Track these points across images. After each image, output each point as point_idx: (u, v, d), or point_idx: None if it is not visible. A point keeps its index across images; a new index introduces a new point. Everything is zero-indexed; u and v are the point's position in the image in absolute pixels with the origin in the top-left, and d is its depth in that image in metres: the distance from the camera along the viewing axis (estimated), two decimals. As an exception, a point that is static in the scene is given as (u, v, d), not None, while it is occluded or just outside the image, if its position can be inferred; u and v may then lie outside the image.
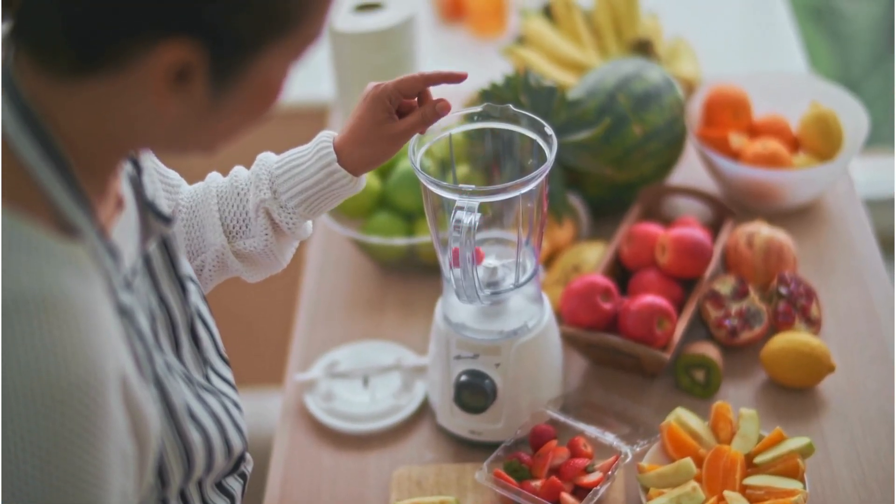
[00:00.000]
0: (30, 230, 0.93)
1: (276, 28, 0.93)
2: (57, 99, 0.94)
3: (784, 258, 1.76)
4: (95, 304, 0.94)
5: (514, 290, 1.50)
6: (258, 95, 0.97)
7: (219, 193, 1.38)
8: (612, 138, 1.84)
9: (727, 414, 1.53)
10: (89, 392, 0.92)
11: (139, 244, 1.10)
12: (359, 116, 1.35)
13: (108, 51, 0.90)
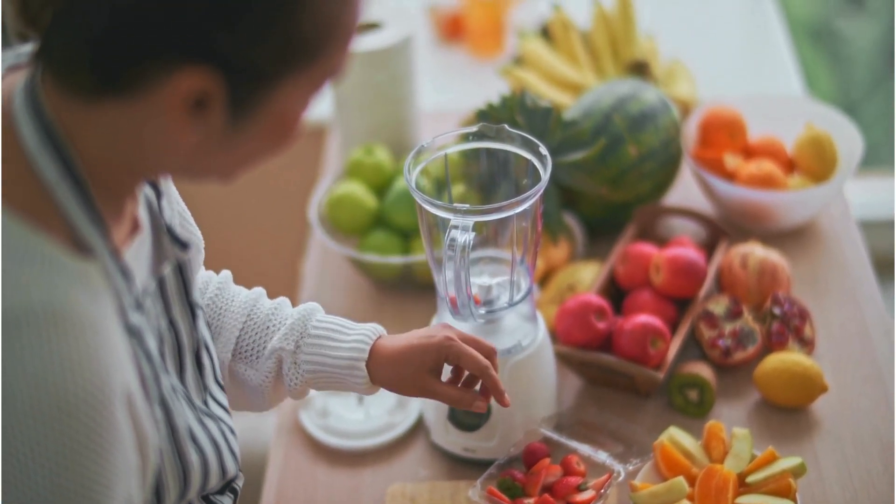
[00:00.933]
0: (44, 245, 0.94)
1: (295, 60, 0.94)
2: (78, 119, 0.96)
3: (778, 279, 1.77)
4: (104, 320, 0.96)
5: (509, 308, 1.51)
6: (276, 127, 0.98)
7: (251, 315, 1.38)
8: (607, 158, 1.85)
9: (720, 433, 1.53)
10: (96, 405, 0.93)
11: (152, 267, 1.11)
12: (412, 345, 1.34)
13: (128, 75, 0.92)
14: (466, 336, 1.36)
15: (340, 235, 1.93)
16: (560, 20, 2.25)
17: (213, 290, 1.39)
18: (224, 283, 1.40)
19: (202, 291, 1.38)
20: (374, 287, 1.92)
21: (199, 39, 0.90)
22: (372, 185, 1.94)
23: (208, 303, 1.38)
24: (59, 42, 0.92)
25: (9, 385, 0.90)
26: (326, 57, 0.96)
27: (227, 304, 1.38)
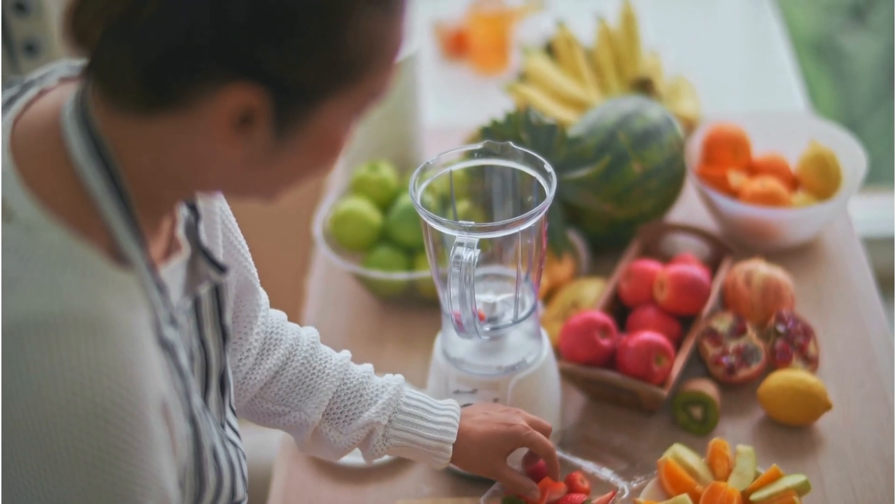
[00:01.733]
0: (86, 253, 0.96)
1: (339, 79, 0.95)
2: (124, 134, 0.98)
3: (782, 296, 1.77)
4: (140, 331, 0.98)
5: (513, 325, 1.51)
6: (319, 146, 1.00)
7: (344, 380, 1.42)
8: (611, 175, 1.86)
9: (724, 451, 1.53)
10: (132, 410, 0.95)
11: (187, 286, 1.12)
12: (493, 432, 1.43)
13: (176, 91, 0.93)
14: (531, 419, 1.46)
15: (345, 251, 1.94)
16: (564, 37, 2.25)
17: (307, 349, 1.42)
18: (316, 342, 1.44)
19: (293, 346, 1.42)
20: (378, 303, 1.92)
21: (246, 57, 0.92)
22: (376, 202, 1.95)
23: (303, 360, 1.41)
24: (108, 58, 0.94)
25: (46, 389, 0.92)
26: (370, 78, 0.97)
27: (321, 365, 1.42)
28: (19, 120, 1.02)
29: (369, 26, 0.94)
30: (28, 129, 1.01)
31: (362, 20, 0.93)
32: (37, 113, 1.02)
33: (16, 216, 0.96)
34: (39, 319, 0.92)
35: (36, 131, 1.00)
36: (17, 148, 0.99)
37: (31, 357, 0.92)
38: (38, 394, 0.92)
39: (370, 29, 0.94)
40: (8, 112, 1.04)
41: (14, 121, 1.02)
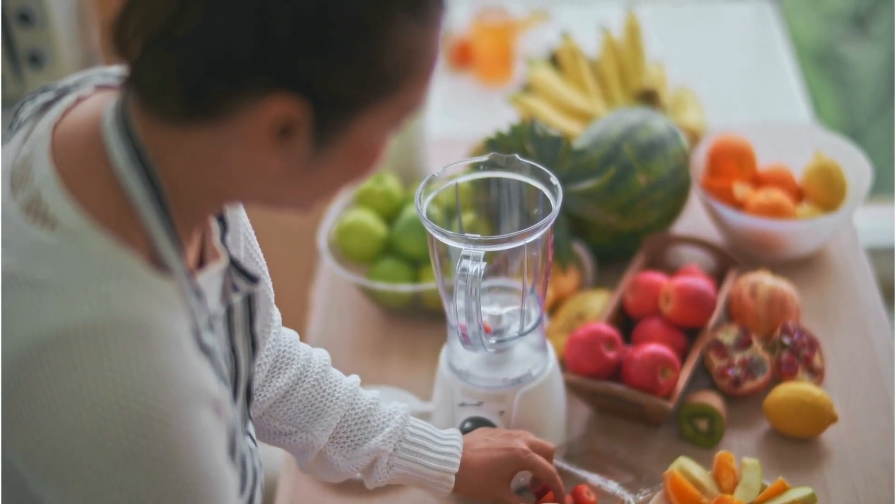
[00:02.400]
0: (129, 260, 0.97)
1: (377, 91, 0.96)
2: (164, 144, 0.99)
3: (787, 308, 1.77)
4: (182, 336, 0.99)
5: (519, 338, 1.51)
6: (356, 157, 1.01)
7: (352, 405, 1.43)
8: (616, 187, 1.86)
9: (730, 463, 1.53)
10: (185, 409, 0.96)
11: (222, 294, 1.13)
12: (493, 458, 1.44)
13: (216, 102, 0.95)
14: (533, 441, 1.47)
15: (349, 263, 1.94)
16: (569, 48, 2.25)
17: (319, 371, 1.43)
18: (327, 365, 1.45)
19: (304, 367, 1.43)
20: (382, 315, 1.92)
21: (288, 68, 0.93)
22: (381, 213, 1.94)
23: (313, 382, 1.42)
24: (149, 70, 0.95)
25: (97, 395, 0.92)
26: (407, 90, 0.98)
27: (331, 388, 1.43)
28: (58, 127, 1.03)
29: (407, 39, 0.95)
30: (68, 136, 1.02)
31: (400, 33, 0.95)
32: (76, 121, 1.03)
33: (60, 224, 0.97)
34: (88, 326, 0.93)
35: (77, 139, 1.01)
36: (58, 155, 1.00)
37: (81, 364, 0.93)
38: (89, 399, 0.92)
39: (408, 42, 0.95)
40: (44, 118, 1.05)
41: (53, 127, 1.03)
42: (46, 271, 0.95)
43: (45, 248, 0.96)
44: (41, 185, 0.98)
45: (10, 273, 0.95)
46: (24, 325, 0.93)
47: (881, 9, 3.60)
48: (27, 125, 1.07)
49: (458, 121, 2.44)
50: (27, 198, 0.99)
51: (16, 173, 1.01)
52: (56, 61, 2.39)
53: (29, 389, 0.93)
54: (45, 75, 2.39)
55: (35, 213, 0.97)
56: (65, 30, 2.39)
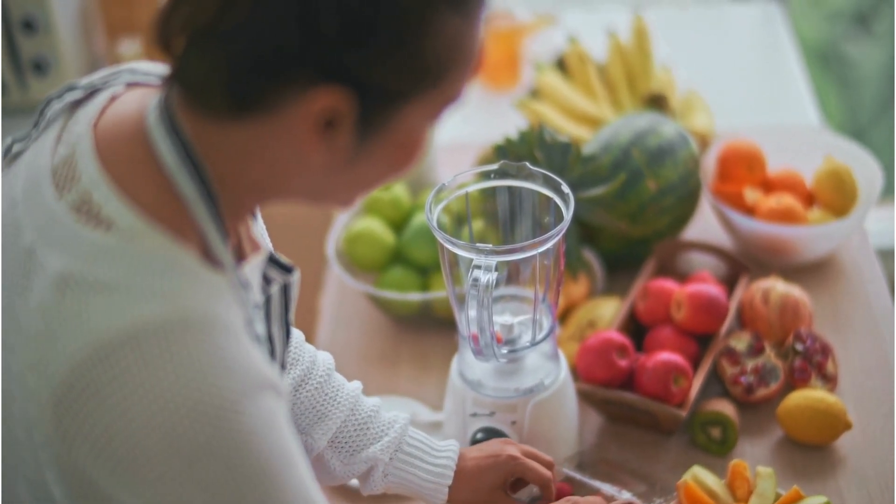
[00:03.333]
0: (186, 257, 0.98)
1: (419, 82, 0.97)
2: (210, 139, 0.99)
3: (800, 314, 1.75)
4: (239, 328, 1.00)
5: (531, 347, 1.50)
6: (398, 150, 1.02)
7: (353, 411, 1.43)
8: (626, 193, 1.84)
9: (744, 472, 1.52)
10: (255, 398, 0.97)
11: (262, 284, 1.14)
12: (481, 466, 1.43)
13: (262, 96, 0.95)
14: (526, 450, 1.45)
15: (358, 271, 1.92)
16: (576, 52, 2.24)
17: (322, 374, 1.43)
18: (331, 369, 1.44)
19: (308, 369, 1.42)
20: (391, 323, 1.91)
21: (333, 61, 0.94)
22: (389, 221, 1.93)
23: (316, 386, 1.42)
24: (194, 66, 0.96)
25: (171, 391, 0.93)
26: (449, 81, 0.99)
27: (334, 392, 1.42)
28: (98, 126, 1.03)
29: (449, 31, 0.96)
30: (111, 135, 1.02)
31: (443, 25, 0.96)
32: (118, 119, 1.03)
33: (116, 224, 0.97)
34: (157, 323, 0.94)
35: (121, 138, 1.01)
36: (104, 155, 1.01)
37: (153, 361, 0.93)
38: (163, 396, 0.93)
39: (450, 33, 0.96)
40: (77, 116, 1.05)
41: (93, 126, 1.03)
42: (108, 272, 0.95)
43: (104, 248, 0.96)
44: (91, 186, 0.98)
45: (70, 275, 0.96)
46: (89, 327, 0.94)
47: (883, 7, 3.59)
48: (56, 124, 1.07)
49: (465, 126, 2.41)
50: (76, 198, 0.99)
51: (58, 174, 1.01)
52: (60, 68, 2.38)
53: (98, 390, 0.93)
54: (50, 82, 2.38)
55: (87, 213, 0.98)
56: (69, 37, 2.39)
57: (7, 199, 1.05)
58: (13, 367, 0.98)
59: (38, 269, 0.98)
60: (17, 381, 0.98)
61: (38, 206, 1.01)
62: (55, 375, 0.94)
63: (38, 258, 0.98)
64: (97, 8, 2.50)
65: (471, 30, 0.98)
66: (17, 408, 0.98)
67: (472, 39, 0.99)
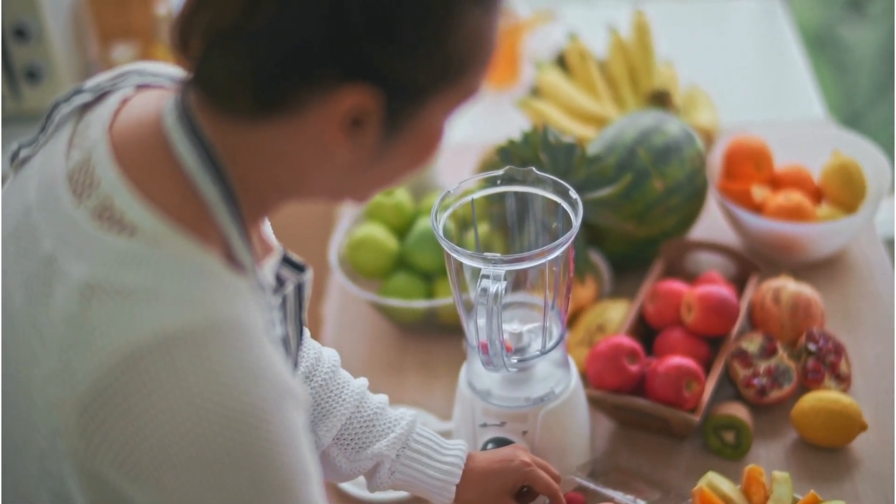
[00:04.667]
0: (211, 261, 0.97)
1: (445, 77, 0.97)
2: (232, 141, 0.98)
3: (811, 314, 1.73)
4: (263, 333, 0.99)
5: (541, 356, 1.47)
6: (421, 143, 1.02)
7: (359, 408, 1.40)
8: (633, 194, 1.81)
9: (760, 477, 1.49)
10: (280, 405, 0.96)
11: (276, 285, 1.13)
12: (493, 470, 1.41)
13: (288, 96, 0.95)
14: (537, 460, 1.43)
15: (361, 279, 1.89)
16: (576, 49, 2.21)
17: (328, 371, 1.41)
18: (336, 365, 1.43)
19: (314, 365, 1.40)
20: (396, 330, 1.88)
21: (360, 57, 0.93)
22: (392, 227, 1.90)
23: (321, 382, 1.40)
24: (219, 66, 0.95)
25: (201, 397, 0.92)
26: (471, 74, 0.99)
27: (339, 389, 1.40)
28: (112, 130, 1.01)
29: (472, 24, 0.96)
30: (128, 139, 1.01)
31: (467, 18, 0.95)
32: (133, 122, 1.02)
33: (140, 230, 0.96)
34: (187, 329, 0.93)
35: (138, 141, 1.00)
36: (122, 159, 0.99)
37: (183, 368, 0.92)
38: (193, 403, 0.92)
39: (473, 27, 0.96)
40: (88, 120, 1.04)
41: (107, 130, 1.01)
42: (134, 278, 0.94)
43: (129, 255, 0.95)
44: (111, 191, 0.97)
45: (95, 283, 0.94)
46: (118, 334, 0.92)
47: (877, -11, 3.58)
48: (66, 128, 1.06)
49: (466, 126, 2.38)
50: (96, 204, 0.97)
51: (74, 179, 1.00)
52: (54, 76, 2.35)
53: (126, 398, 0.92)
54: (43, 90, 2.36)
55: (109, 219, 0.96)
56: (61, 44, 2.36)
57: (20, 206, 1.03)
58: (36, 376, 0.96)
59: (59, 276, 0.96)
60: (40, 390, 0.96)
61: (55, 213, 0.99)
62: (81, 383, 0.93)
63: (60, 266, 0.97)
64: (89, 14, 2.47)
65: (491, 22, 0.98)
66: (39, 417, 0.96)
67: (492, 32, 0.99)
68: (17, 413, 0.99)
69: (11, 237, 1.02)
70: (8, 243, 1.03)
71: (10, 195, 1.07)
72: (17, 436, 1.00)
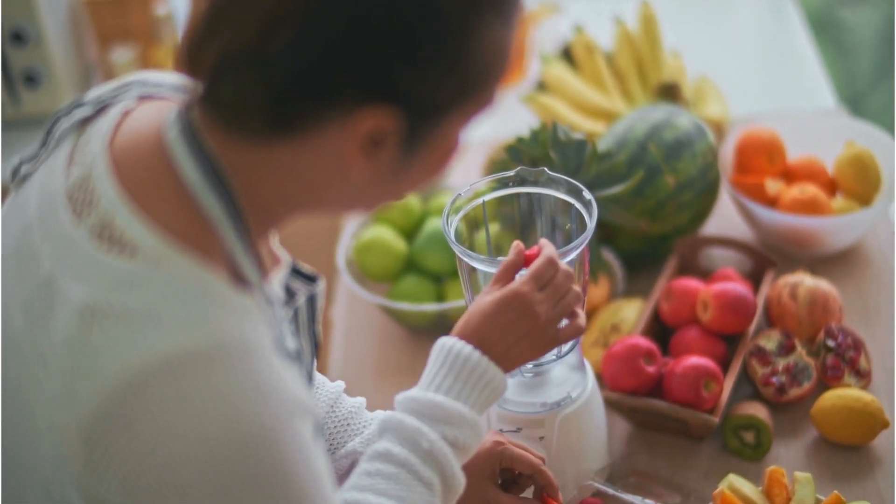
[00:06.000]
0: (214, 281, 0.94)
1: (465, 92, 0.96)
2: (241, 158, 0.96)
3: (829, 309, 1.69)
4: (271, 351, 0.96)
5: (557, 360, 1.43)
6: (437, 157, 1.00)
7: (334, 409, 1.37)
8: (645, 190, 1.78)
9: (781, 479, 1.46)
10: (290, 424, 0.94)
11: (286, 297, 1.11)
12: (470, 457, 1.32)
13: (304, 118, 0.92)
14: (514, 442, 1.35)
15: (370, 282, 1.86)
16: (583, 42, 2.18)
17: None
18: None
19: None
20: (406, 334, 1.85)
21: (383, 80, 0.91)
22: (400, 229, 1.87)
23: None
24: (232, 87, 0.92)
25: (208, 420, 0.90)
26: (490, 87, 0.98)
27: (314, 390, 1.37)
28: (113, 145, 0.99)
29: (492, 38, 0.94)
30: (129, 154, 0.98)
31: (487, 33, 0.94)
32: (134, 136, 0.99)
33: (141, 250, 0.93)
34: (192, 352, 0.91)
35: (139, 157, 0.98)
36: (122, 175, 0.97)
37: (190, 391, 0.90)
38: (201, 427, 0.90)
39: (493, 41, 0.95)
40: (89, 135, 1.01)
41: (107, 145, 0.98)
42: (136, 301, 0.92)
43: (130, 276, 0.92)
44: (111, 209, 0.95)
45: (96, 305, 0.92)
46: (121, 357, 0.91)
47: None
48: (66, 143, 1.03)
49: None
50: (96, 223, 0.95)
51: (74, 197, 0.97)
52: (52, 80, 2.32)
53: (131, 423, 0.90)
54: (42, 95, 2.33)
55: (109, 239, 0.94)
56: (59, 47, 2.33)
57: (21, 224, 1.01)
58: (39, 400, 0.94)
59: (59, 299, 0.94)
60: (43, 415, 0.94)
61: (55, 233, 0.97)
62: (84, 408, 0.90)
63: (60, 287, 0.94)
64: (87, 16, 2.44)
65: (511, 34, 0.97)
66: (43, 443, 0.94)
67: (510, 45, 0.97)
68: (21, 438, 0.97)
69: (11, 257, 1.00)
70: (8, 264, 1.00)
71: (11, 213, 1.04)
72: (21, 461, 0.98)
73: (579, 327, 1.26)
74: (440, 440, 1.17)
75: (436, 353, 1.23)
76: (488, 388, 1.20)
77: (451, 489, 1.18)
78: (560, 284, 1.24)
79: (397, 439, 1.17)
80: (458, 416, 1.18)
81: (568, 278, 1.25)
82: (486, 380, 1.20)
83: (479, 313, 1.23)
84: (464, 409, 1.18)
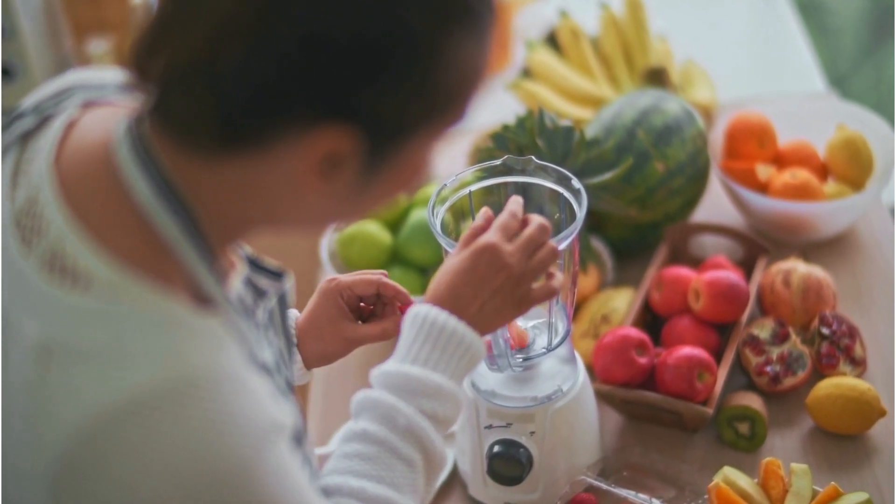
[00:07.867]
0: (175, 306, 0.89)
1: (431, 112, 0.90)
2: (195, 175, 0.91)
3: (823, 296, 1.66)
4: (242, 372, 0.92)
5: (547, 353, 1.40)
6: (402, 178, 0.95)
7: None
8: (634, 177, 1.75)
9: (778, 470, 1.43)
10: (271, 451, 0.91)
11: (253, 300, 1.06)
12: (311, 309, 1.29)
13: (257, 135, 0.87)
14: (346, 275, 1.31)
15: (354, 274, 1.82)
16: (568, 27, 2.14)
17: None
18: None
19: None
20: (393, 326, 1.81)
21: (339, 98, 0.86)
22: (384, 220, 1.83)
23: None
24: (182, 100, 0.87)
25: (182, 458, 0.86)
26: (461, 103, 0.92)
27: None
28: (58, 162, 0.92)
29: (463, 55, 0.89)
30: (76, 173, 0.92)
31: (457, 50, 0.88)
32: (81, 153, 0.93)
33: (95, 282, 0.87)
34: (157, 389, 0.86)
35: (88, 176, 0.91)
36: (72, 197, 0.90)
37: (159, 430, 0.85)
38: (173, 465, 0.86)
39: (464, 57, 0.89)
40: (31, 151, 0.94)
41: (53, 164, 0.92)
42: (94, 338, 0.86)
43: (86, 312, 0.87)
44: (61, 237, 0.89)
45: (52, 344, 0.87)
46: (83, 400, 0.85)
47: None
48: (8, 160, 0.96)
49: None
50: (45, 252, 0.89)
51: (22, 224, 0.91)
52: (28, 72, 2.28)
53: (99, 467, 0.85)
54: (19, 88, 2.29)
55: (61, 270, 0.88)
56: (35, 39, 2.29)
57: None
58: (6, 445, 0.89)
59: (14, 337, 0.88)
60: (9, 460, 0.89)
61: (4, 264, 0.91)
62: (49, 454, 0.85)
63: (12, 323, 0.89)
64: (62, 8, 2.39)
65: (483, 49, 0.91)
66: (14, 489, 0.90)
67: (483, 61, 0.92)
68: None
69: None
70: None
71: None
72: None
73: (552, 288, 1.19)
74: (417, 414, 1.11)
75: (409, 322, 1.17)
76: (467, 354, 1.15)
77: (433, 464, 1.13)
78: (533, 237, 1.18)
79: (373, 417, 1.12)
80: (435, 388, 1.12)
81: (542, 232, 1.18)
82: (465, 346, 1.14)
83: (450, 272, 1.17)
84: (441, 379, 1.12)
